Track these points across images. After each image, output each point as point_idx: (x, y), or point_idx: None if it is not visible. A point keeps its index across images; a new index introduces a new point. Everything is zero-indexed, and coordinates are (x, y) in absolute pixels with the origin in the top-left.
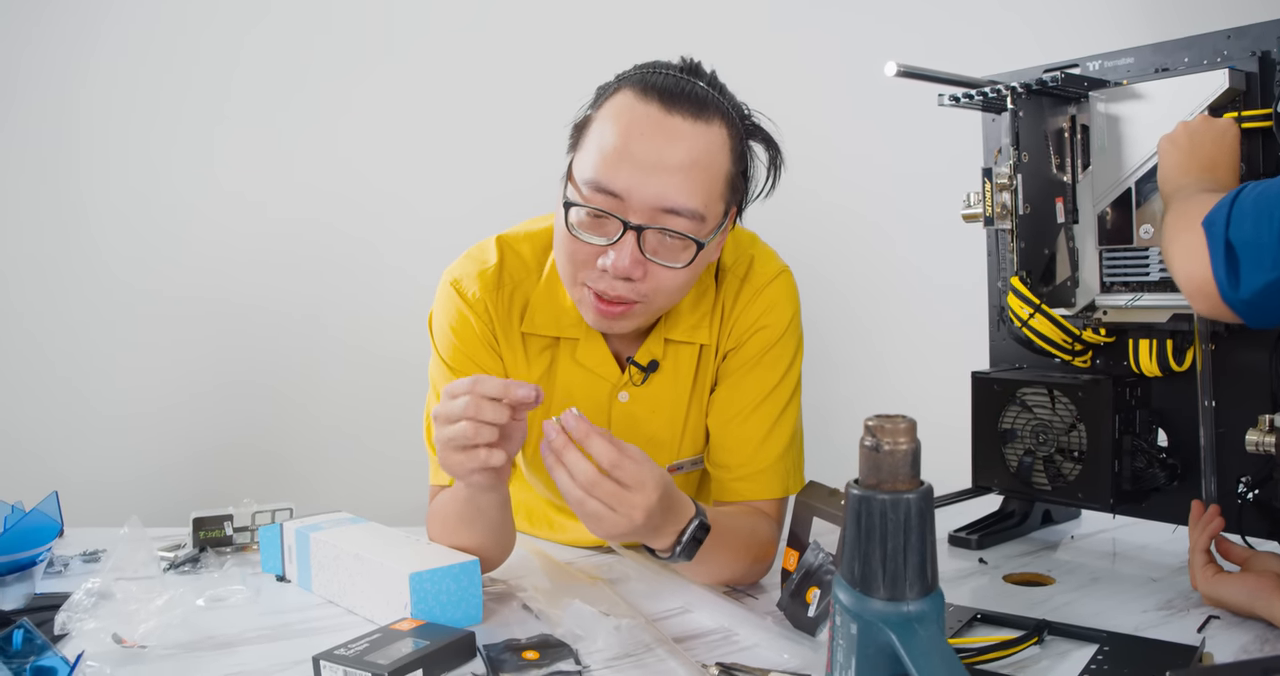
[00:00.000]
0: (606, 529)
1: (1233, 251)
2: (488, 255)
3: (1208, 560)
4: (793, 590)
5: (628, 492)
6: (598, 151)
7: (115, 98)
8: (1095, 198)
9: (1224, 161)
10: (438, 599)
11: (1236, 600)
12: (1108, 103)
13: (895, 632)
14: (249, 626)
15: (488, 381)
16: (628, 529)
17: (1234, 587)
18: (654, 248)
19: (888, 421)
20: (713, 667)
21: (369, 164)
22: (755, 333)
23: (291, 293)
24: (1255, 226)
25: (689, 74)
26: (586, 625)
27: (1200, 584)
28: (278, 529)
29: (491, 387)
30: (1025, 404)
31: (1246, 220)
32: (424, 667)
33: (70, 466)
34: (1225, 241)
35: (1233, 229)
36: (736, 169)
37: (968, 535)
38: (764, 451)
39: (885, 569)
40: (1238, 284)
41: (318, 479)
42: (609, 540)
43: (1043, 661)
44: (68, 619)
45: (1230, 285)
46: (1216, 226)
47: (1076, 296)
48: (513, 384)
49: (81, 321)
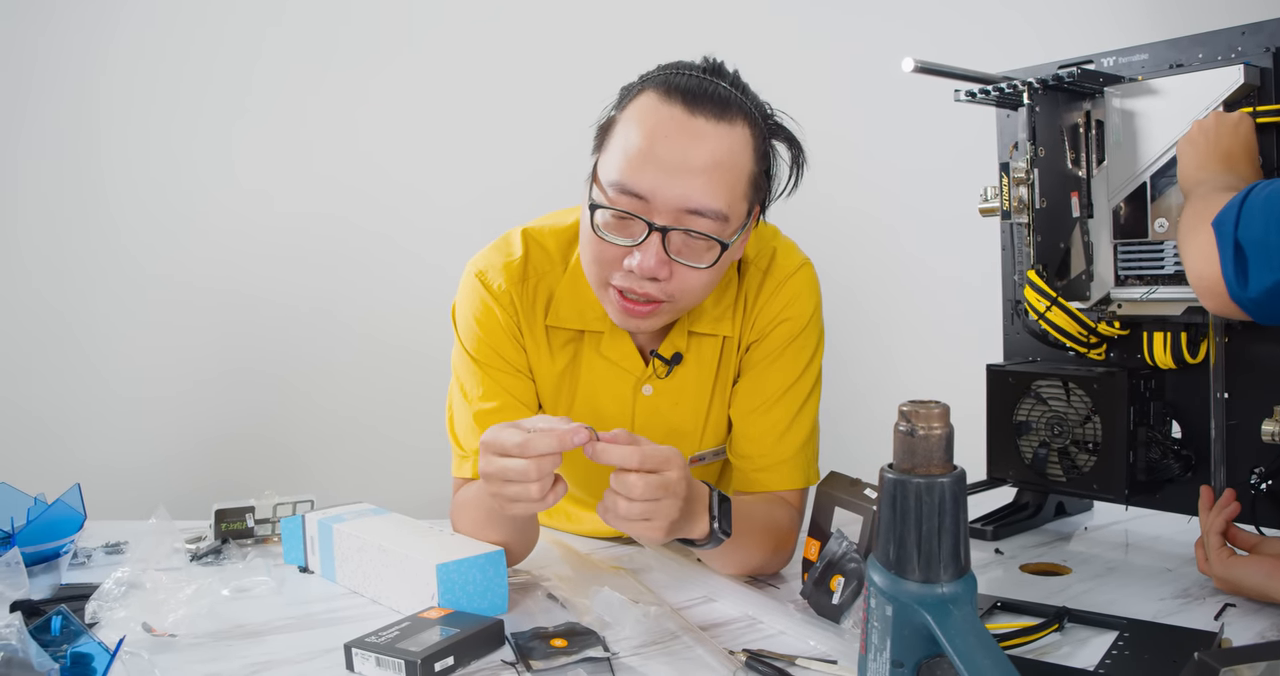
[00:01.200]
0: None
1: (1241, 251)
2: (513, 247)
3: (1222, 543)
4: (816, 578)
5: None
6: (622, 153)
7: (135, 89)
8: (1110, 192)
9: (1241, 154)
10: (464, 589)
11: (1252, 582)
12: (1123, 98)
13: (931, 613)
14: (276, 616)
15: (541, 440)
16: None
17: (1249, 570)
18: (679, 248)
19: (921, 406)
20: (740, 654)
21: (384, 156)
22: (778, 325)
23: (308, 284)
24: (1264, 226)
25: (712, 74)
26: (614, 612)
27: (1215, 567)
28: (300, 520)
29: (546, 445)
30: (1040, 396)
31: (1255, 220)
32: (454, 655)
33: (88, 455)
34: (1234, 241)
35: (1241, 229)
36: (759, 168)
37: (983, 526)
38: (786, 442)
39: (920, 551)
40: (1246, 283)
41: (335, 470)
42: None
43: (1064, 647)
44: (98, 608)
45: (1239, 284)
46: (1225, 226)
47: (1091, 290)
48: (566, 433)
49: (103, 312)
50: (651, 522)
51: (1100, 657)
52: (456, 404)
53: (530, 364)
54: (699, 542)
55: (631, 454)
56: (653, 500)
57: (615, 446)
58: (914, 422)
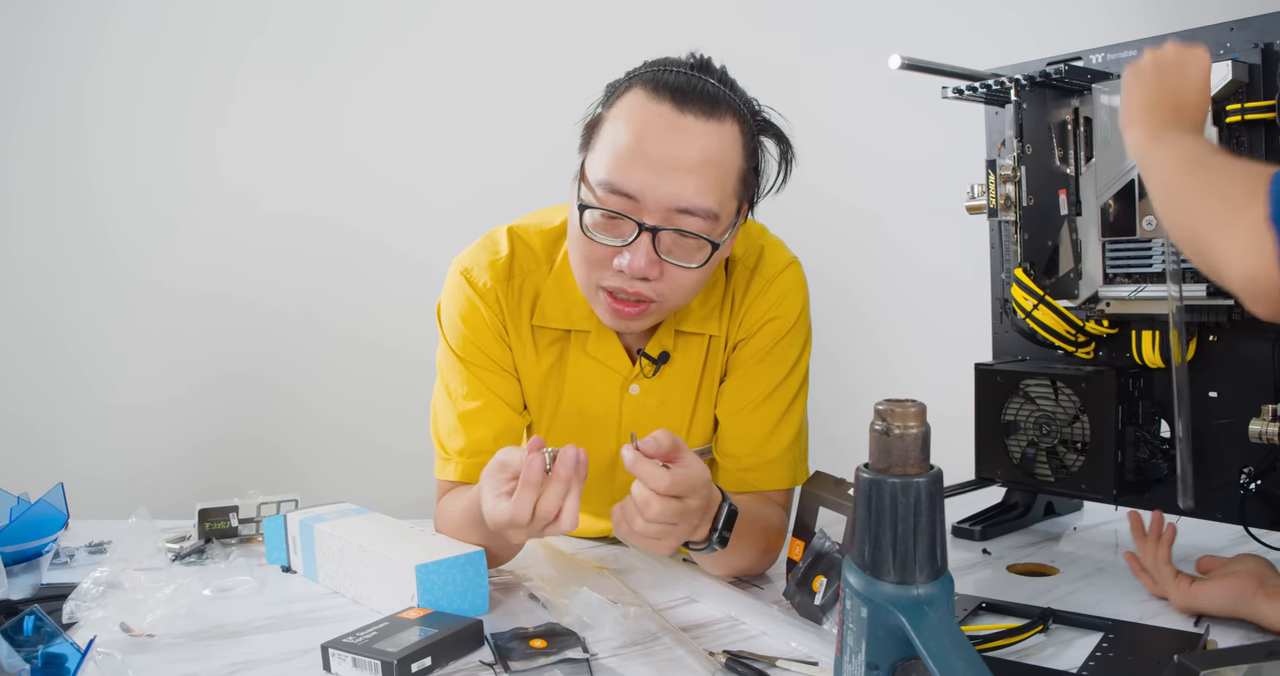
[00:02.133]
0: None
1: None
2: (499, 245)
3: (1174, 573)
4: (799, 578)
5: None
6: (610, 152)
7: (122, 90)
8: (1098, 190)
9: (1193, 100)
10: (444, 590)
11: (1217, 606)
12: (1110, 95)
13: (905, 615)
14: (256, 616)
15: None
16: (687, 535)
17: (1213, 594)
18: (669, 248)
19: (898, 405)
20: (720, 655)
21: (371, 157)
22: (766, 324)
23: (294, 285)
24: None
25: (700, 71)
26: (594, 613)
27: (1176, 599)
28: (282, 520)
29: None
30: (1028, 395)
31: None
32: (432, 655)
33: (75, 459)
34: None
35: None
36: (748, 165)
37: (971, 526)
38: (773, 441)
39: (895, 552)
40: None
41: (321, 471)
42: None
43: (1049, 648)
44: (75, 607)
45: None
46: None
47: (1079, 288)
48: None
49: (88, 313)
50: (661, 542)
51: (1084, 659)
52: (440, 404)
53: (516, 363)
54: (695, 545)
55: (660, 477)
56: (669, 524)
57: (646, 465)
58: (890, 421)
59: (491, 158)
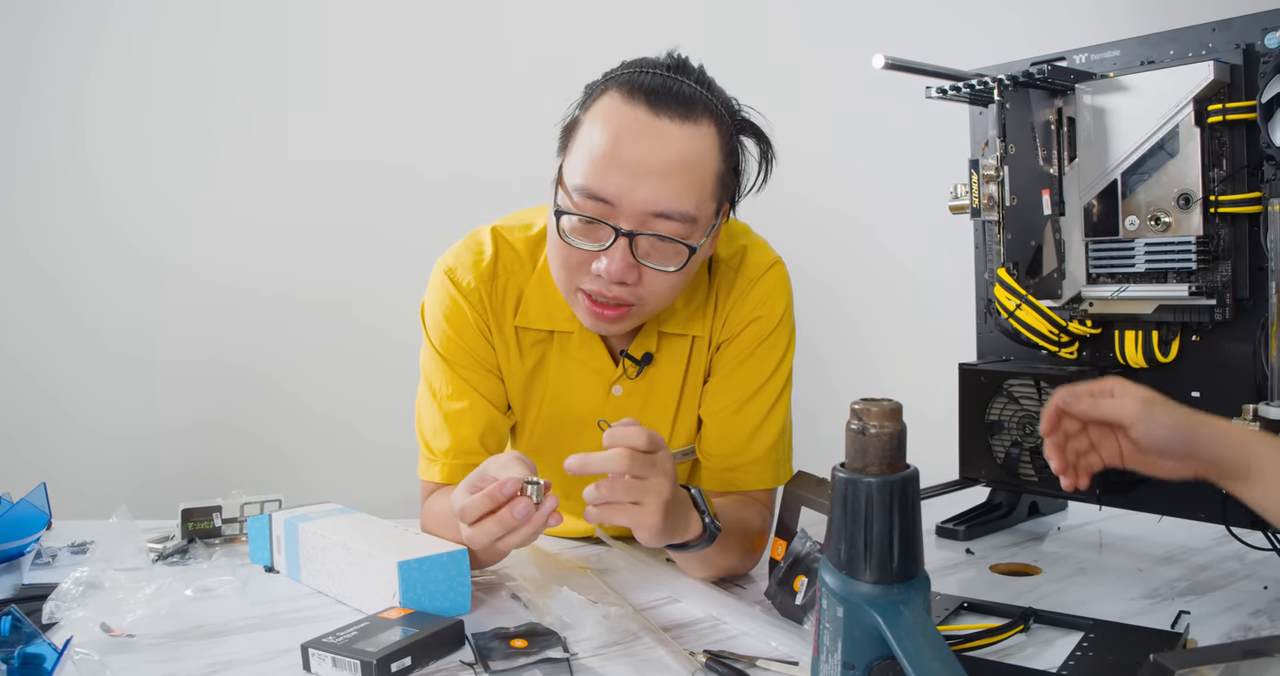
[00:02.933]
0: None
1: None
2: (483, 246)
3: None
4: (780, 578)
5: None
6: (586, 157)
7: (121, 80)
8: (1081, 190)
9: None
10: (426, 588)
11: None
12: (1094, 95)
13: (881, 615)
14: (237, 616)
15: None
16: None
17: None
18: (646, 251)
19: (873, 404)
20: (700, 655)
21: (361, 155)
22: (749, 324)
23: (283, 281)
24: None
25: (676, 72)
26: (574, 613)
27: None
28: (266, 520)
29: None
30: (1012, 395)
31: None
32: (412, 655)
33: (60, 456)
34: None
35: None
36: (727, 166)
37: (955, 526)
38: (756, 441)
39: (871, 552)
40: None
41: (308, 469)
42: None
43: (1029, 648)
44: (55, 608)
45: None
46: None
47: (1063, 288)
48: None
49: (72, 313)
50: (644, 506)
51: (1064, 658)
52: (425, 404)
53: (499, 363)
54: (693, 543)
55: (639, 434)
56: (640, 478)
57: (620, 427)
58: (865, 420)
59: (482, 157)
